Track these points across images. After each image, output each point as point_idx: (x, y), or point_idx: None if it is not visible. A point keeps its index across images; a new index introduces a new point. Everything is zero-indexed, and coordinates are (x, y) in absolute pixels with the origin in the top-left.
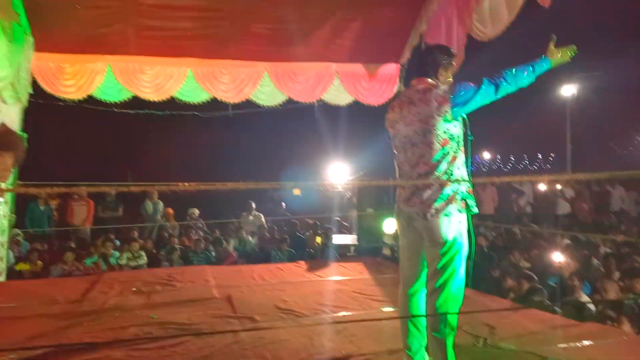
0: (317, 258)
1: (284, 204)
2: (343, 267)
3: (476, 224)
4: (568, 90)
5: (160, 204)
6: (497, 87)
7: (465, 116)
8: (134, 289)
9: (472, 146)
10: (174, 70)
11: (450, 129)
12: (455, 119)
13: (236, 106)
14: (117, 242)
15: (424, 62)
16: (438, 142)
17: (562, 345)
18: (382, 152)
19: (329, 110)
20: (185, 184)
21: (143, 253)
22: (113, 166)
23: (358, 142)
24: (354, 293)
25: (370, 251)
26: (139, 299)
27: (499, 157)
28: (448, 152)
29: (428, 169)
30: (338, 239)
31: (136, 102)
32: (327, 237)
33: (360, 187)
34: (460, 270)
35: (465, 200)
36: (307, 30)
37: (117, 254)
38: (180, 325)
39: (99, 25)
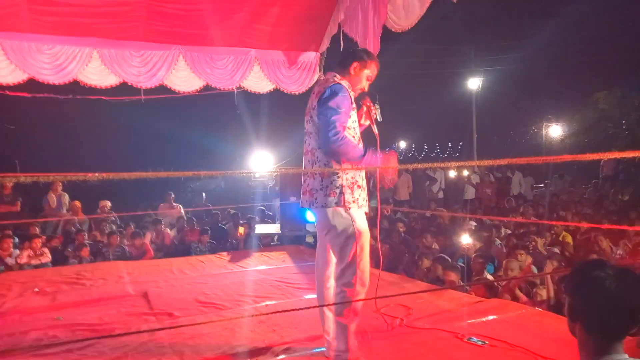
0: (240, 249)
1: (204, 194)
2: (266, 257)
3: (393, 209)
4: (474, 83)
5: (66, 197)
6: (333, 136)
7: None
8: (36, 289)
9: (385, 139)
10: (77, 50)
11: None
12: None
13: (149, 91)
14: (17, 240)
15: (342, 56)
16: (316, 133)
17: (470, 321)
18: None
19: (250, 97)
20: (89, 174)
21: (47, 250)
22: (5, 155)
23: (280, 130)
24: (277, 282)
25: (293, 240)
26: (42, 300)
27: (413, 145)
28: None
29: (312, 158)
30: (261, 228)
31: (34, 84)
32: (250, 227)
33: (283, 175)
34: (363, 255)
35: (342, 194)
36: (224, 13)
37: (16, 252)
38: (90, 326)
39: None
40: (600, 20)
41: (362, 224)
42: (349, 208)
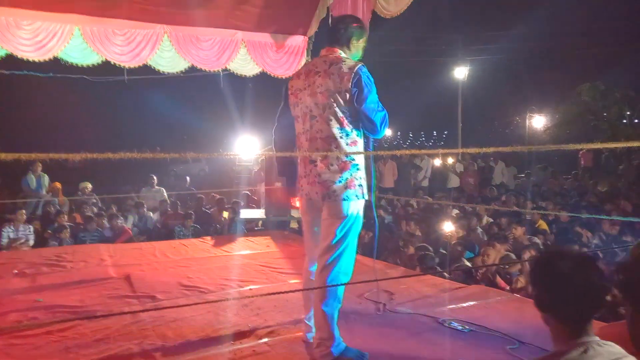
0: (224, 233)
1: (188, 178)
2: (250, 242)
3: (378, 196)
4: (460, 72)
5: (46, 178)
6: (384, 116)
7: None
8: (16, 271)
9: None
10: (58, 27)
11: (351, 109)
12: (353, 102)
13: (133, 71)
14: None
15: (336, 31)
16: (337, 120)
17: (450, 306)
18: (292, 125)
19: (236, 80)
20: (71, 154)
21: (31, 230)
22: None
23: (267, 114)
24: (261, 267)
25: (278, 225)
26: (21, 282)
27: (399, 133)
28: (348, 134)
29: (327, 147)
30: (246, 213)
31: (13, 61)
32: (234, 212)
33: (268, 160)
34: (353, 247)
35: (361, 186)
36: None
37: None
38: (71, 309)
39: None
40: (586, 14)
41: (361, 219)
42: (364, 199)
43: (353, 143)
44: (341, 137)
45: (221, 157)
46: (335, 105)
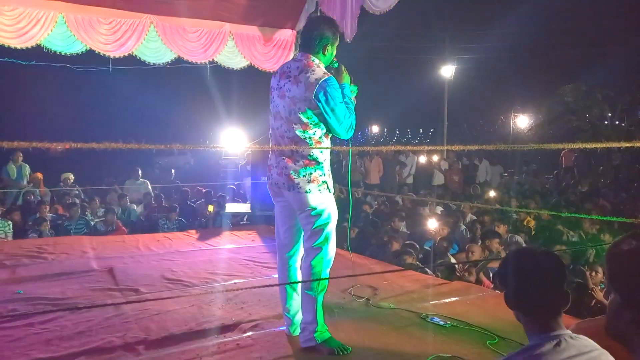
0: (209, 227)
1: (173, 171)
2: (235, 236)
3: (363, 192)
4: (447, 70)
5: (27, 168)
6: (350, 123)
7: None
8: None
9: (357, 122)
10: (42, 13)
11: (315, 115)
12: (319, 111)
13: (118, 61)
14: None
15: (310, 39)
16: (301, 125)
17: (433, 302)
18: None
19: (223, 73)
20: (54, 143)
21: (10, 223)
22: None
23: (254, 108)
24: (246, 261)
25: (264, 219)
26: (1, 273)
27: (385, 130)
28: (311, 137)
29: (292, 147)
30: (231, 207)
31: None
32: (220, 206)
33: (255, 154)
34: (331, 235)
35: (325, 182)
36: None
37: None
38: (52, 301)
39: None
40: (570, 14)
41: (334, 209)
42: (328, 192)
43: (318, 143)
44: (305, 139)
45: (207, 150)
46: (299, 111)
